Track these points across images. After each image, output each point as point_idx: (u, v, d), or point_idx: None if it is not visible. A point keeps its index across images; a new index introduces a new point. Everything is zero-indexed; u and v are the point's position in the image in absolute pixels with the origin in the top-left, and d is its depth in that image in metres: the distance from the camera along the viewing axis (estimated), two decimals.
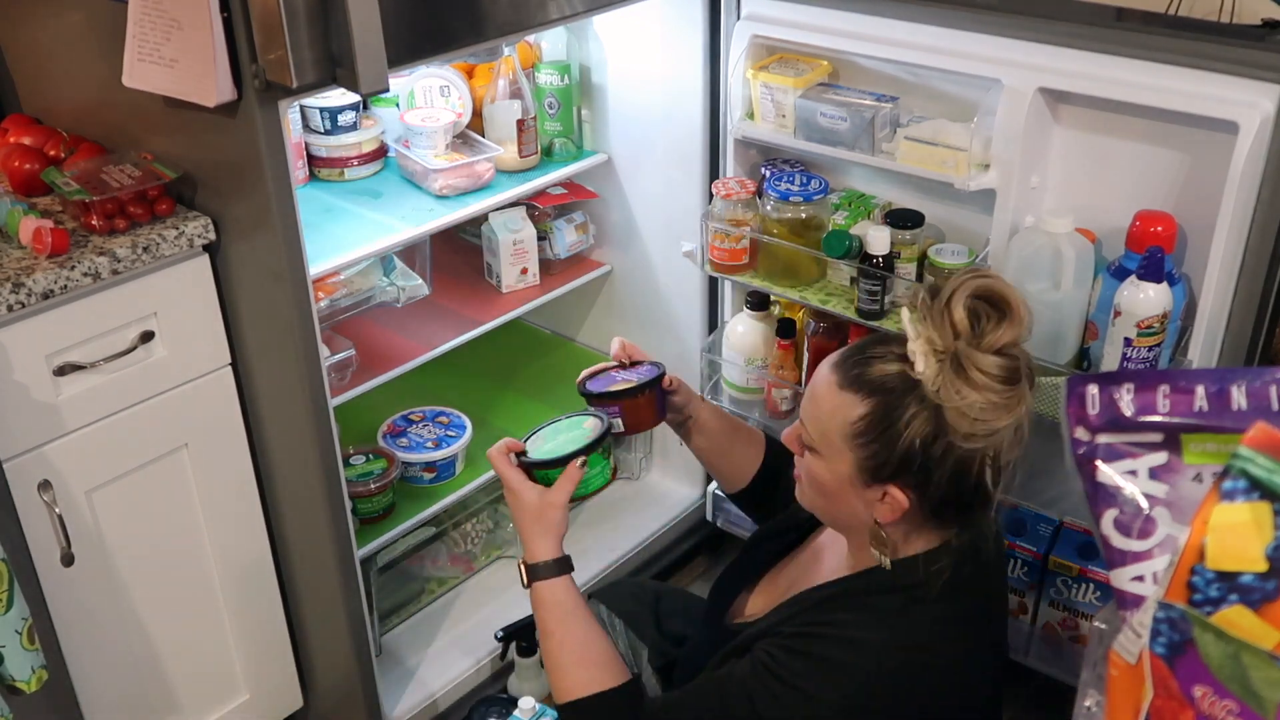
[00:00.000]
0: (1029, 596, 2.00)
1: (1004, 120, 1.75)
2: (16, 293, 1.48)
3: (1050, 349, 1.79)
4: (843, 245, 1.89)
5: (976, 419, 1.28)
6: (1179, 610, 0.73)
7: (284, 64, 1.40)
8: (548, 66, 2.17)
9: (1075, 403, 0.84)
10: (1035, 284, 1.77)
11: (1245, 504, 0.73)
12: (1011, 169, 1.77)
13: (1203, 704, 0.73)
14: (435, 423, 2.20)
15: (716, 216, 2.04)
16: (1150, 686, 0.75)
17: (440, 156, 2.07)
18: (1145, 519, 0.81)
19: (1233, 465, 0.74)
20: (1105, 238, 1.79)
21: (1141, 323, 1.65)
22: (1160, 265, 1.62)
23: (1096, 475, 0.82)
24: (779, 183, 1.98)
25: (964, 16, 1.76)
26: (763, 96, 1.97)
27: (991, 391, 1.28)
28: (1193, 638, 0.72)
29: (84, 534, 1.65)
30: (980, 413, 1.28)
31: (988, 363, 1.28)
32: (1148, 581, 0.81)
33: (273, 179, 1.53)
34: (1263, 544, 0.72)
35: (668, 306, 2.34)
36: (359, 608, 1.88)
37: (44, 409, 1.56)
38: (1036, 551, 1.96)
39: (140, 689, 1.81)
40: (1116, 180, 1.76)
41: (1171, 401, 0.81)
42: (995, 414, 1.29)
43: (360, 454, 2.08)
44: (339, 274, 1.98)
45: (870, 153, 1.90)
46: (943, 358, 1.29)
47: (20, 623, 1.46)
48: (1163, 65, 1.61)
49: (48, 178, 1.65)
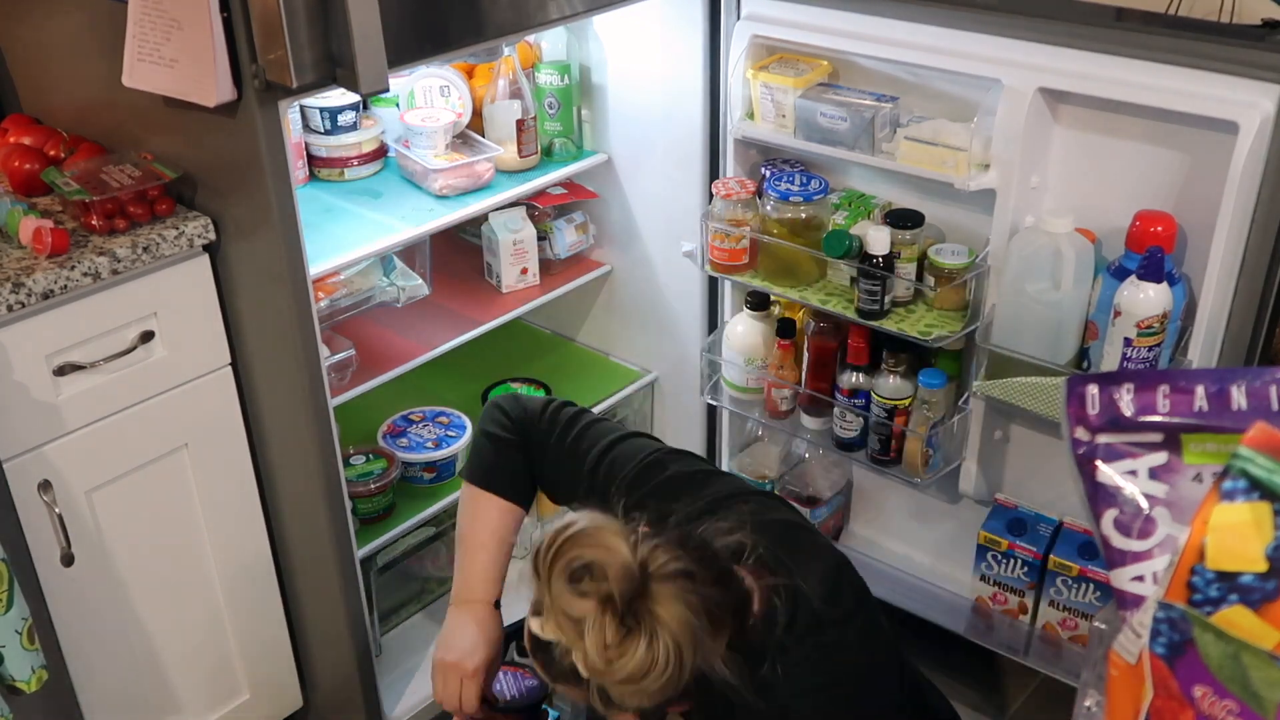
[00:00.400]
0: (1029, 596, 2.00)
1: (1004, 120, 1.75)
2: (16, 293, 1.48)
3: (1050, 349, 1.79)
4: (843, 245, 1.89)
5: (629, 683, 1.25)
6: (1179, 610, 0.73)
7: (284, 64, 1.40)
8: (548, 66, 2.17)
9: (1075, 403, 0.83)
10: (1035, 284, 1.77)
11: (1245, 504, 0.73)
12: (1011, 169, 1.77)
13: (1203, 704, 0.73)
14: (435, 423, 2.20)
15: (716, 216, 2.04)
16: (1150, 687, 0.75)
17: (440, 156, 2.07)
18: (1145, 519, 0.81)
19: (1233, 465, 0.74)
20: (1105, 238, 1.79)
21: (1141, 323, 1.65)
22: (1160, 265, 1.62)
23: (1096, 475, 0.82)
24: (779, 183, 1.98)
25: (964, 16, 1.76)
26: (763, 96, 1.97)
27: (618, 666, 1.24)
28: (1193, 638, 0.72)
29: (84, 534, 1.65)
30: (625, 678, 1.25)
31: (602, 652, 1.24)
32: (1148, 581, 0.80)
33: (273, 179, 1.53)
34: (1263, 544, 0.72)
35: (668, 306, 2.34)
36: (359, 608, 1.89)
37: (44, 409, 1.56)
38: (1036, 551, 1.96)
39: (140, 689, 1.81)
40: (1116, 180, 1.76)
41: (1171, 401, 0.81)
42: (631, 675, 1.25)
43: (360, 454, 2.08)
44: (339, 274, 1.98)
45: (870, 153, 1.90)
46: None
47: (20, 623, 1.46)
48: (1163, 65, 1.61)
49: (48, 178, 1.65)
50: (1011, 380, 1.84)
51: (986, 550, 2.01)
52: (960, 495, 2.12)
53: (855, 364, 2.02)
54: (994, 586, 2.03)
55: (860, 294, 1.91)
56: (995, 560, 2.00)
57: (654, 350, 2.45)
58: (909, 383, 1.99)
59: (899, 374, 1.99)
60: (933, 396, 1.96)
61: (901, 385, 1.99)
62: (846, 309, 1.94)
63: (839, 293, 1.99)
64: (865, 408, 2.03)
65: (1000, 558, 2.00)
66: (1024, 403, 1.83)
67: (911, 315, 1.92)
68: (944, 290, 1.89)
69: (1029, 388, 1.82)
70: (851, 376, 2.03)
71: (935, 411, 1.97)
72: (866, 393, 2.03)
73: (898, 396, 1.99)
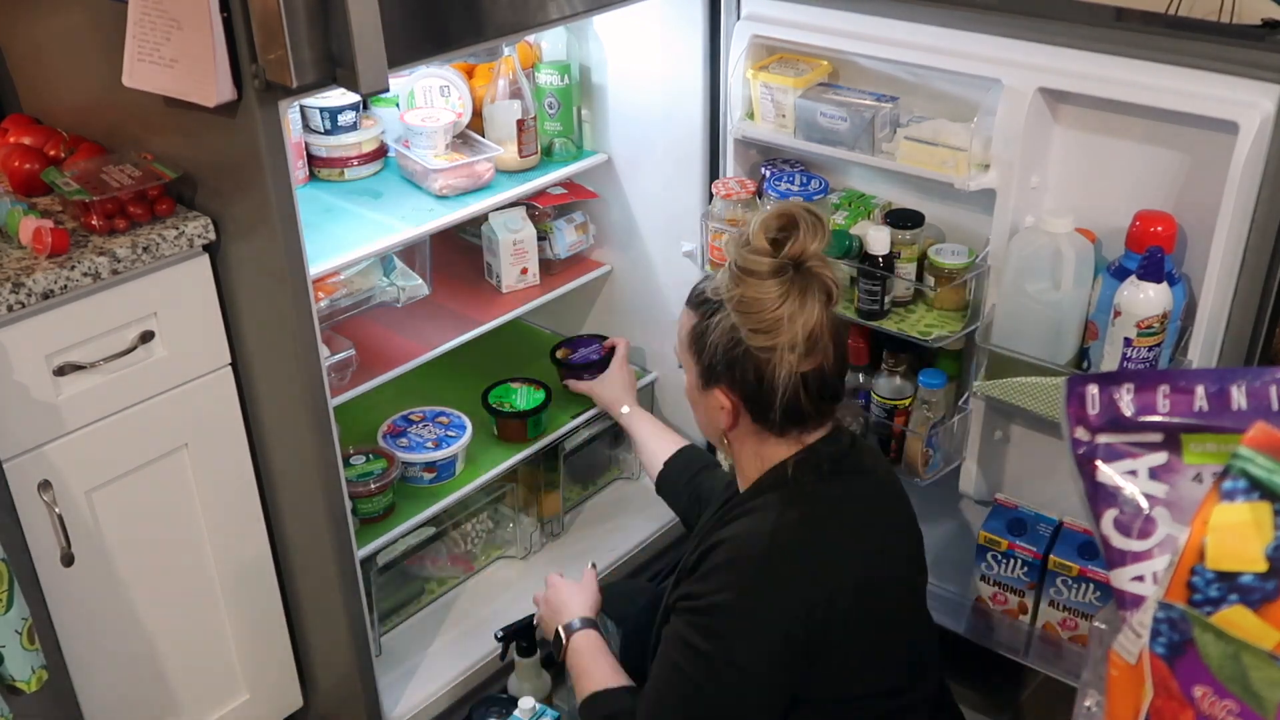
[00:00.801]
0: (1029, 596, 2.00)
1: (1004, 120, 1.75)
2: (16, 293, 1.48)
3: (1050, 349, 1.79)
4: (843, 245, 1.89)
5: (752, 312, 1.45)
6: (1179, 610, 0.73)
7: (284, 64, 1.40)
8: (548, 66, 2.17)
9: (1075, 403, 0.83)
10: (1035, 284, 1.77)
11: (1245, 504, 0.73)
12: (1011, 169, 1.77)
13: (1203, 704, 0.73)
14: (435, 423, 2.20)
15: (716, 216, 2.04)
16: (1150, 687, 0.75)
17: (440, 156, 2.07)
18: (1145, 519, 0.81)
19: (1233, 465, 0.74)
20: (1105, 238, 1.79)
21: (1141, 323, 1.65)
22: (1160, 265, 1.62)
23: (1096, 475, 0.82)
24: (779, 183, 1.98)
25: (964, 16, 1.76)
26: (763, 96, 1.97)
27: (757, 289, 1.44)
28: (1193, 638, 0.72)
29: (84, 534, 1.65)
30: (752, 305, 1.45)
31: (753, 260, 1.45)
32: (1148, 581, 0.80)
33: (273, 179, 1.52)
34: (1262, 544, 0.72)
35: (667, 306, 2.34)
36: (359, 608, 1.89)
37: (44, 409, 1.56)
38: (1036, 551, 1.96)
39: (140, 689, 1.81)
40: (1116, 180, 1.76)
41: (1171, 401, 0.81)
42: (764, 307, 1.44)
43: (360, 454, 2.08)
44: (339, 274, 1.98)
45: (870, 153, 1.90)
46: (730, 265, 1.49)
47: (20, 623, 1.46)
48: (1162, 65, 1.61)
49: (48, 178, 1.65)
50: (1011, 380, 1.84)
51: (986, 550, 2.01)
52: (960, 495, 2.12)
53: (855, 364, 2.02)
54: (994, 586, 2.03)
55: (860, 294, 1.91)
56: (995, 560, 2.00)
57: (654, 350, 2.45)
58: (909, 383, 1.99)
59: (899, 374, 1.99)
60: (933, 396, 1.96)
61: (901, 385, 1.99)
62: (846, 309, 1.94)
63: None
64: (865, 408, 2.03)
65: (1000, 558, 1.99)
66: (1024, 403, 1.83)
67: (911, 315, 1.92)
68: (944, 290, 1.89)
69: (1029, 388, 1.82)
70: (851, 377, 2.03)
71: (935, 411, 1.97)
72: (866, 393, 2.03)
73: (898, 396, 1.99)
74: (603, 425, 2.40)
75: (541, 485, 2.35)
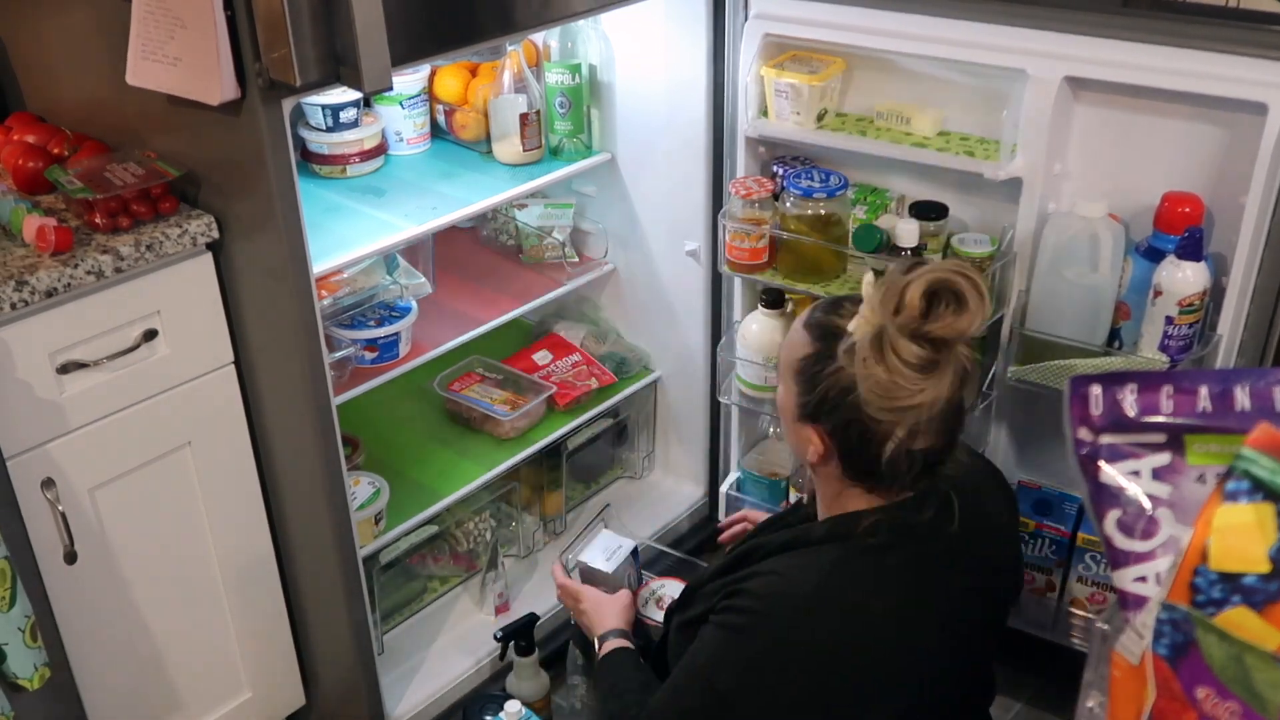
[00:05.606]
0: (1056, 574, 2.01)
1: (1030, 110, 1.77)
2: (20, 290, 1.48)
3: (1087, 331, 1.81)
4: (874, 239, 1.89)
5: (880, 394, 1.31)
6: (1182, 611, 0.73)
7: (288, 62, 1.40)
8: (558, 65, 2.16)
9: (1078, 403, 0.83)
10: (1071, 268, 1.79)
11: (1248, 505, 0.73)
12: (1038, 157, 1.79)
13: (1205, 705, 0.72)
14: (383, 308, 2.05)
15: (734, 216, 2.03)
16: (1153, 688, 0.75)
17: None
18: (1148, 520, 0.81)
19: (1236, 466, 0.74)
20: (1128, 219, 1.81)
21: (1183, 300, 1.69)
22: (1199, 245, 1.66)
23: (1099, 476, 0.82)
24: (800, 180, 1.97)
25: (988, 8, 1.78)
26: (777, 94, 1.97)
27: (900, 375, 1.30)
28: (1195, 639, 0.72)
29: (87, 532, 1.65)
30: (884, 389, 1.31)
31: (905, 348, 1.30)
32: (1150, 582, 0.80)
33: (276, 177, 1.53)
34: (1266, 545, 0.72)
35: (671, 306, 2.34)
36: (361, 606, 1.89)
37: (47, 407, 1.56)
38: (1064, 530, 1.97)
39: (143, 687, 1.82)
40: (1139, 163, 1.78)
41: (1175, 402, 0.81)
42: (899, 396, 1.31)
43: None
44: (342, 272, 1.98)
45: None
46: (872, 329, 1.33)
47: (23, 620, 1.46)
48: (1189, 50, 1.63)
49: (51, 176, 1.65)
50: (1050, 364, 1.85)
51: None
52: None
53: None
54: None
55: None
56: (1023, 542, 2.00)
57: (657, 349, 2.44)
58: None
59: None
60: None
61: None
62: None
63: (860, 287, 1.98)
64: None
65: (1028, 539, 2.00)
66: (1061, 385, 1.83)
67: None
68: None
69: (1067, 370, 1.83)
70: None
71: None
72: None
73: None
74: (605, 425, 2.40)
75: (544, 484, 2.35)
